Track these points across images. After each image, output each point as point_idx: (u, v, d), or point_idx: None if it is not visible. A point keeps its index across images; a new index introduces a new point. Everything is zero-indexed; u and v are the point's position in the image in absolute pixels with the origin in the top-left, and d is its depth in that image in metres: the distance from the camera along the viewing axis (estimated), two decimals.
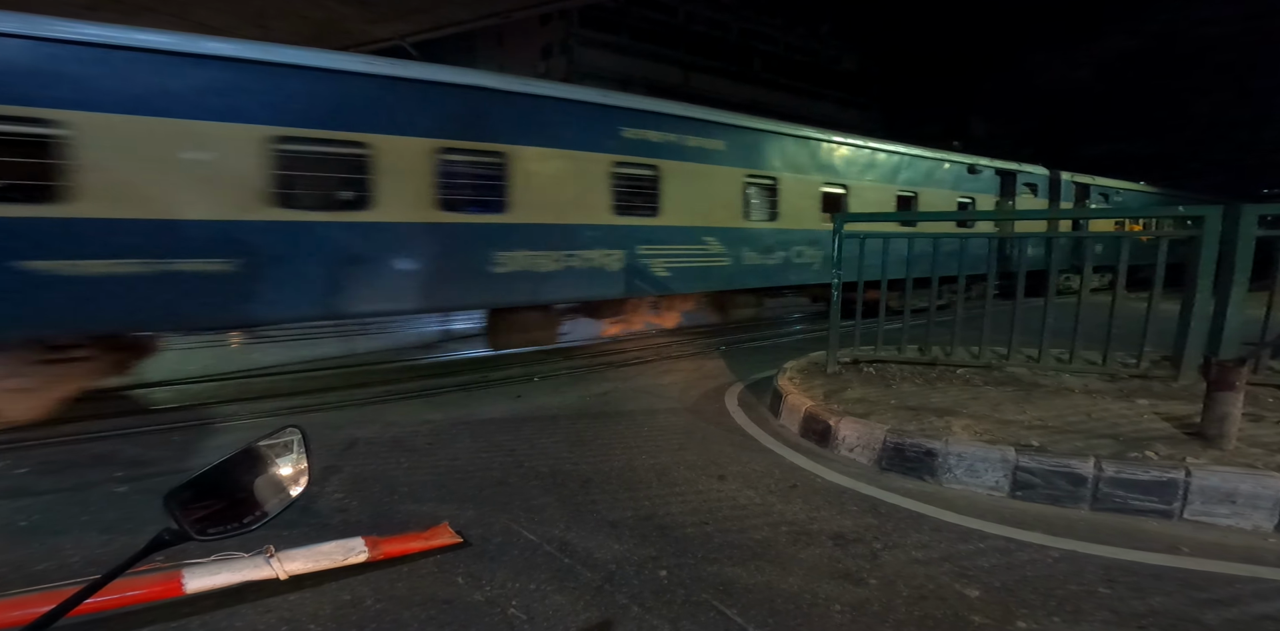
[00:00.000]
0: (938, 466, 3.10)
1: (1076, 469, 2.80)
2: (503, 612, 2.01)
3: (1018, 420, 3.47)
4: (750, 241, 7.43)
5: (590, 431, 4.02)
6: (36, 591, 1.94)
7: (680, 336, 7.98)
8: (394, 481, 3.15)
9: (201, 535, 0.77)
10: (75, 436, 3.98)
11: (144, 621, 1.91)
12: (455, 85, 5.31)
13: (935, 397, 4.00)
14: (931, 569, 2.28)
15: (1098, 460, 2.79)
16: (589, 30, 28.44)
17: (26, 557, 2.35)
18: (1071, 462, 2.82)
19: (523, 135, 5.56)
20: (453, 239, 5.33)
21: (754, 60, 34.24)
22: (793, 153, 7.85)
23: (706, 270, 7.04)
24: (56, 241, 3.88)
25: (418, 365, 6.53)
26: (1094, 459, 2.80)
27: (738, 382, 5.37)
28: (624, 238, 6.27)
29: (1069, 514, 2.75)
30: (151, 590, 1.92)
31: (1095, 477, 2.77)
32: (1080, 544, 2.46)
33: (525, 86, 5.77)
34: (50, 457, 3.60)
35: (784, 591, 2.13)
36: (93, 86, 3.92)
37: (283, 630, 1.91)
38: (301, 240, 4.67)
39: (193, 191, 4.26)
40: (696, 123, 6.86)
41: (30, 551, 2.41)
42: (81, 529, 2.63)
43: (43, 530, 2.63)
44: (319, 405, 4.81)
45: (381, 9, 9.57)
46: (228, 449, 0.86)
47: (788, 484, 3.12)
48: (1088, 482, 2.78)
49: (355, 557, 2.21)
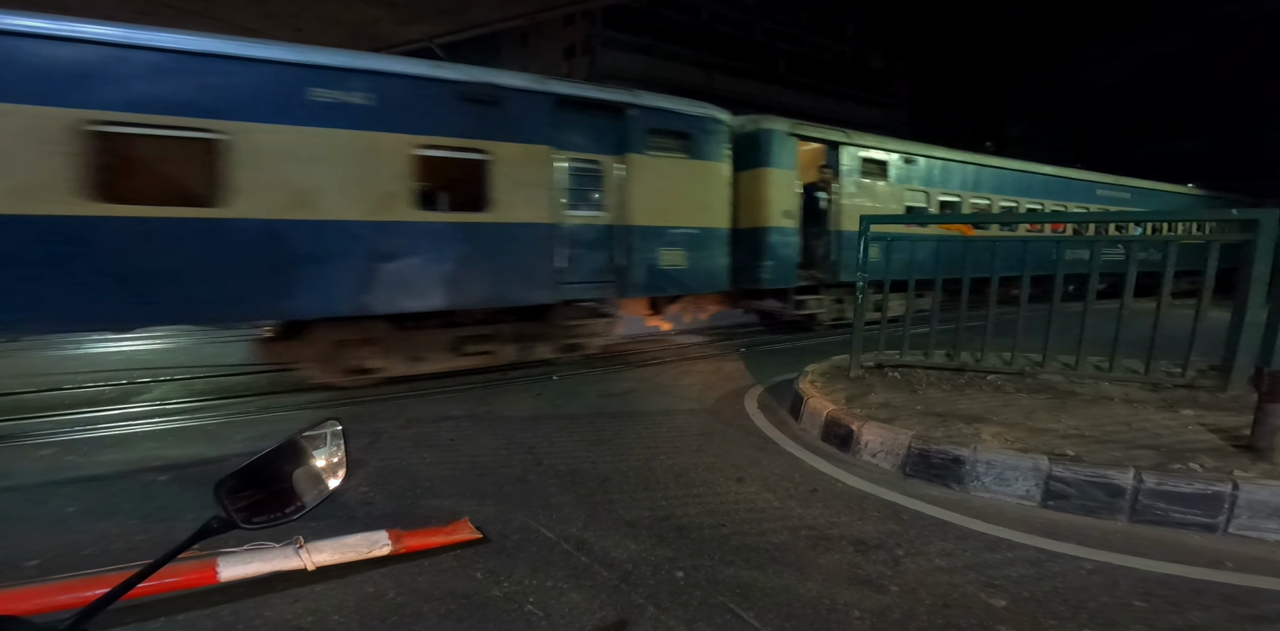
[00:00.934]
0: (965, 474, 3.03)
1: (1114, 480, 2.71)
2: (520, 609, 2.02)
3: (1052, 428, 3.37)
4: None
5: (609, 430, 4.03)
6: (85, 576, 2.03)
7: (699, 337, 7.95)
8: (417, 476, 3.21)
9: (247, 524, 0.79)
10: (120, 424, 4.15)
11: (179, 608, 1.97)
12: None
13: (964, 404, 3.90)
14: (956, 577, 2.23)
15: (1138, 471, 2.70)
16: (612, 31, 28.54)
17: (73, 543, 2.45)
18: (1109, 473, 2.73)
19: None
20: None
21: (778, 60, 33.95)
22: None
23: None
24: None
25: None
26: (1134, 470, 2.71)
27: (757, 385, 5.32)
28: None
29: (1104, 525, 2.66)
30: (188, 577, 1.98)
31: (1135, 489, 2.67)
32: (1116, 556, 2.38)
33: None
34: (96, 446, 3.75)
35: (802, 596, 2.11)
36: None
37: (308, 620, 1.95)
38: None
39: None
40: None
41: (78, 536, 2.52)
42: (125, 516, 2.73)
43: (90, 516, 2.74)
44: (346, 399, 4.92)
45: (412, 11, 9.74)
46: (262, 440, 0.89)
47: (808, 488, 3.09)
48: (1126, 494, 2.68)
49: (379, 550, 2.25)
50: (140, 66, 4.15)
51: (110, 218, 4.08)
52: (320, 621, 1.94)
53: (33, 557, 2.32)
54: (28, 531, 2.57)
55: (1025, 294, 4.44)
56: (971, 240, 4.77)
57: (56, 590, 1.90)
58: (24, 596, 1.88)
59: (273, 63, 4.54)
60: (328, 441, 0.93)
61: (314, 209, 4.70)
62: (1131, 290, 4.11)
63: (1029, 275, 4.39)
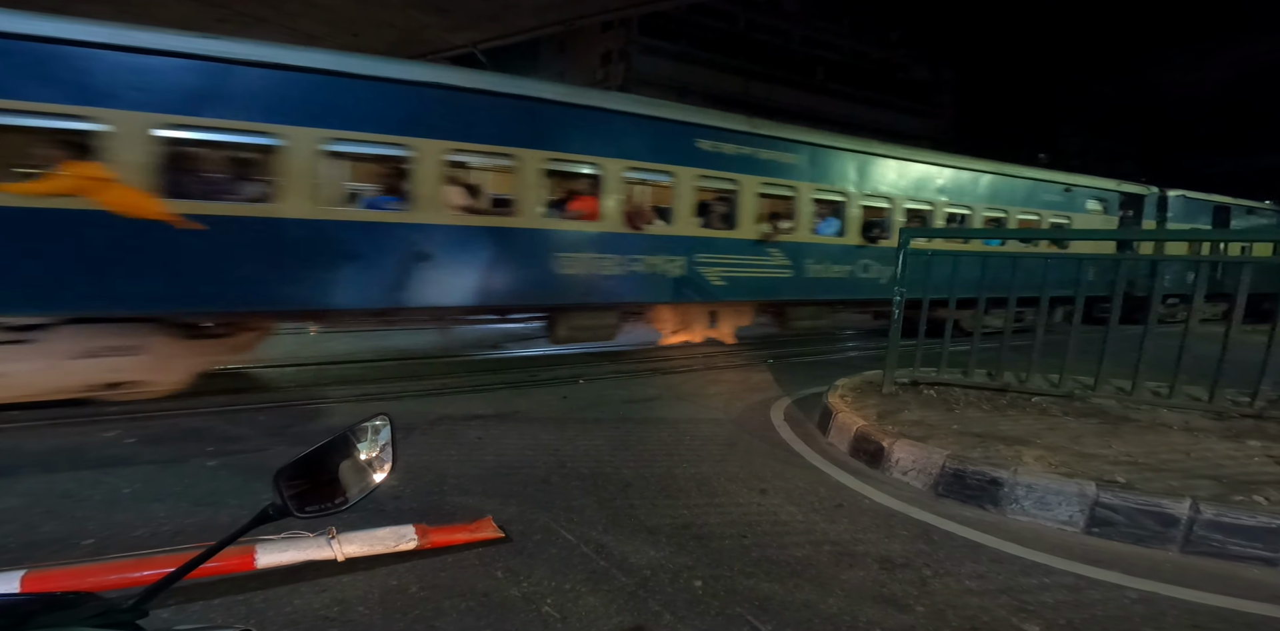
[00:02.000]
0: (1003, 496, 2.93)
1: (1168, 509, 2.59)
2: (538, 610, 2.05)
3: (1101, 454, 3.23)
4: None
5: (633, 436, 4.04)
6: (135, 557, 2.15)
7: (729, 347, 7.90)
8: (444, 472, 3.28)
9: (300, 512, 0.83)
10: (176, 411, 4.38)
11: (216, 593, 2.05)
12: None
13: (1005, 425, 3.77)
14: (987, 600, 2.16)
15: (1194, 501, 2.57)
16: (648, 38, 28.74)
17: (127, 523, 2.59)
18: (1163, 502, 2.60)
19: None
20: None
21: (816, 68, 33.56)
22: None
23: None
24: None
25: (471, 361, 6.77)
26: (1190, 500, 2.58)
27: (784, 397, 5.26)
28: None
29: (1153, 555, 2.54)
30: (228, 563, 2.06)
31: (1190, 520, 2.55)
32: (1163, 586, 2.27)
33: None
34: (154, 430, 3.96)
35: (823, 612, 2.07)
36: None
37: (335, 610, 2.01)
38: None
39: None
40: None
41: (130, 517, 2.66)
42: (175, 499, 2.87)
43: (143, 498, 2.88)
44: (379, 394, 5.07)
45: (458, 18, 10.05)
46: (311, 431, 0.93)
47: (833, 503, 3.03)
48: (1180, 524, 2.56)
49: (406, 544, 2.31)
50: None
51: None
52: (345, 612, 2.00)
53: (89, 536, 2.46)
54: (86, 510, 2.72)
55: (1079, 314, 4.24)
56: (1021, 257, 4.56)
57: (109, 569, 2.02)
58: (80, 574, 2.00)
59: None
60: (377, 436, 0.96)
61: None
62: (1199, 313, 3.90)
63: (1083, 295, 4.19)
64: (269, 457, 3.42)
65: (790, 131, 7.27)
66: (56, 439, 3.75)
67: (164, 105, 4.25)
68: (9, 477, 3.07)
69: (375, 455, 0.96)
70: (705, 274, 6.62)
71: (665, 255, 6.35)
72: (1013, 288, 4.36)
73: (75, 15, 4.25)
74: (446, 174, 5.30)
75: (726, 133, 6.65)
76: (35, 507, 2.73)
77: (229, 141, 4.67)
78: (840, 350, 8.23)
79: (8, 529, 2.51)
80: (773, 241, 7.00)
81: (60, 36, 3.97)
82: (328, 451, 0.88)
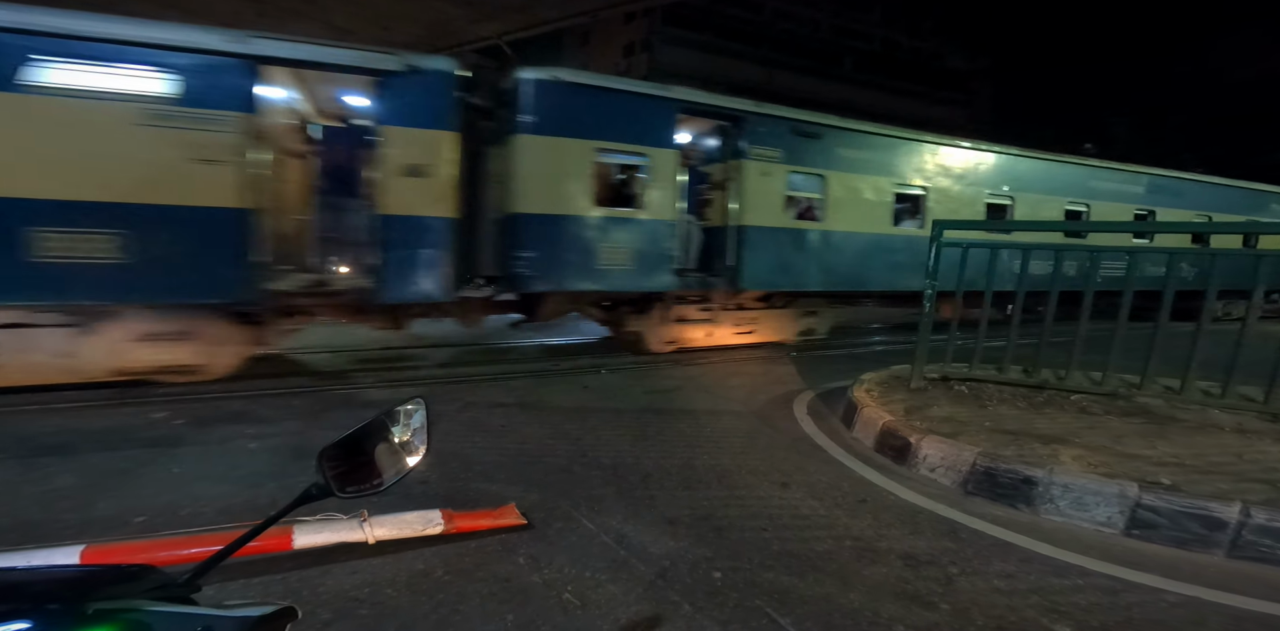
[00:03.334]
0: (1036, 495, 2.86)
1: (1216, 512, 2.50)
2: (558, 596, 2.08)
3: (1144, 455, 3.12)
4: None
5: (653, 427, 4.05)
6: (182, 535, 2.26)
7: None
8: (469, 459, 3.35)
9: (341, 492, 0.84)
10: (219, 394, 4.56)
11: (255, 572, 2.14)
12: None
13: (1041, 423, 3.67)
14: (1016, 600, 2.12)
15: (1245, 505, 2.47)
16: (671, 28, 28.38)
17: (175, 502, 2.72)
18: (1211, 505, 2.51)
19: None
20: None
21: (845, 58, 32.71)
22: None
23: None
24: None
25: (495, 349, 6.87)
26: (1240, 504, 2.48)
27: (808, 390, 5.20)
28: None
29: (1197, 559, 2.46)
30: (267, 543, 2.14)
31: (1239, 524, 2.46)
32: (1206, 591, 2.20)
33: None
34: (199, 412, 4.13)
35: (843, 606, 2.06)
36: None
37: (365, 592, 2.08)
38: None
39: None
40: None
41: (178, 496, 2.78)
42: (218, 480, 3.00)
43: (190, 478, 3.02)
44: (408, 380, 5.19)
45: (484, 9, 10.09)
46: (343, 416, 0.95)
47: (856, 498, 3.00)
48: (1228, 528, 2.47)
49: (432, 529, 2.37)
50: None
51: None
52: (374, 594, 2.07)
53: (141, 514, 2.59)
54: (138, 489, 2.86)
55: (1125, 310, 4.04)
56: (1065, 249, 4.37)
57: (159, 546, 2.13)
58: (133, 550, 2.11)
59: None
60: (412, 420, 0.97)
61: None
62: (1259, 311, 3.70)
63: (1131, 290, 4.00)
64: (305, 441, 3.54)
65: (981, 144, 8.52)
66: (111, 419, 3.94)
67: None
68: (69, 455, 3.24)
69: (410, 438, 0.96)
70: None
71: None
72: (1055, 282, 4.20)
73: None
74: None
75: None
76: (92, 485, 2.88)
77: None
78: (864, 344, 8.09)
79: (67, 504, 2.66)
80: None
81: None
82: (366, 433, 0.89)
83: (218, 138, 4.38)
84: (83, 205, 4.15)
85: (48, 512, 2.57)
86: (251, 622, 0.63)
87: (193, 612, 0.63)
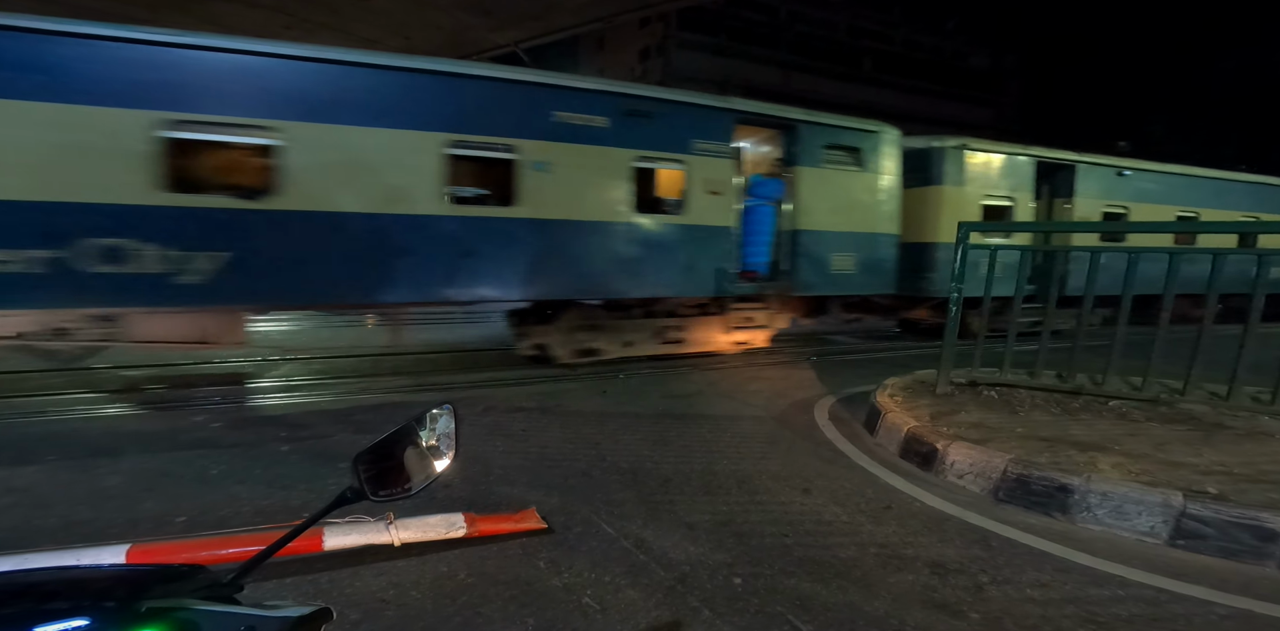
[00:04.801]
0: (1073, 504, 2.78)
1: (1268, 523, 2.41)
2: (578, 601, 2.10)
3: (1190, 463, 3.02)
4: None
5: (672, 432, 4.05)
6: (221, 535, 2.34)
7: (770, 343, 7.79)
8: (491, 463, 3.39)
9: (374, 496, 0.87)
10: (253, 397, 4.70)
11: (287, 572, 2.21)
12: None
13: (1077, 430, 3.58)
14: (1050, 610, 2.07)
15: None
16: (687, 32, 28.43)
17: (214, 503, 2.81)
18: (1262, 515, 2.43)
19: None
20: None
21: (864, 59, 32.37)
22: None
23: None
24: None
25: (514, 355, 6.94)
26: None
27: (829, 395, 5.15)
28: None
29: (1248, 570, 2.37)
30: (300, 544, 2.18)
31: None
32: (1259, 604, 2.12)
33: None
34: (236, 415, 4.26)
35: (867, 614, 2.04)
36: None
37: (390, 593, 2.12)
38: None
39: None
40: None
41: (217, 497, 2.88)
42: (254, 481, 3.09)
43: (227, 479, 3.12)
44: (431, 385, 5.27)
45: (501, 18, 10.27)
46: (370, 420, 0.97)
47: (881, 504, 2.96)
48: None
49: (455, 532, 2.41)
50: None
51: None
52: (400, 595, 2.11)
53: (182, 514, 2.69)
54: (179, 489, 2.97)
55: (1167, 313, 3.90)
56: (1101, 251, 4.25)
57: (200, 546, 2.21)
58: (175, 550, 2.19)
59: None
60: (440, 425, 1.00)
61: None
62: None
63: (1172, 293, 3.86)
64: (333, 444, 3.63)
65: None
66: (154, 422, 4.09)
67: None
68: (114, 456, 3.38)
69: (438, 443, 0.99)
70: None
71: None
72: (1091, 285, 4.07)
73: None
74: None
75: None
76: (137, 485, 3.00)
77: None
78: (885, 349, 7.98)
79: (114, 504, 2.77)
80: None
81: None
82: (397, 438, 0.92)
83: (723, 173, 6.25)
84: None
85: (98, 512, 2.68)
86: (291, 623, 0.65)
87: (237, 612, 0.66)
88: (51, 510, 2.69)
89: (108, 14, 4.42)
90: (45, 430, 3.85)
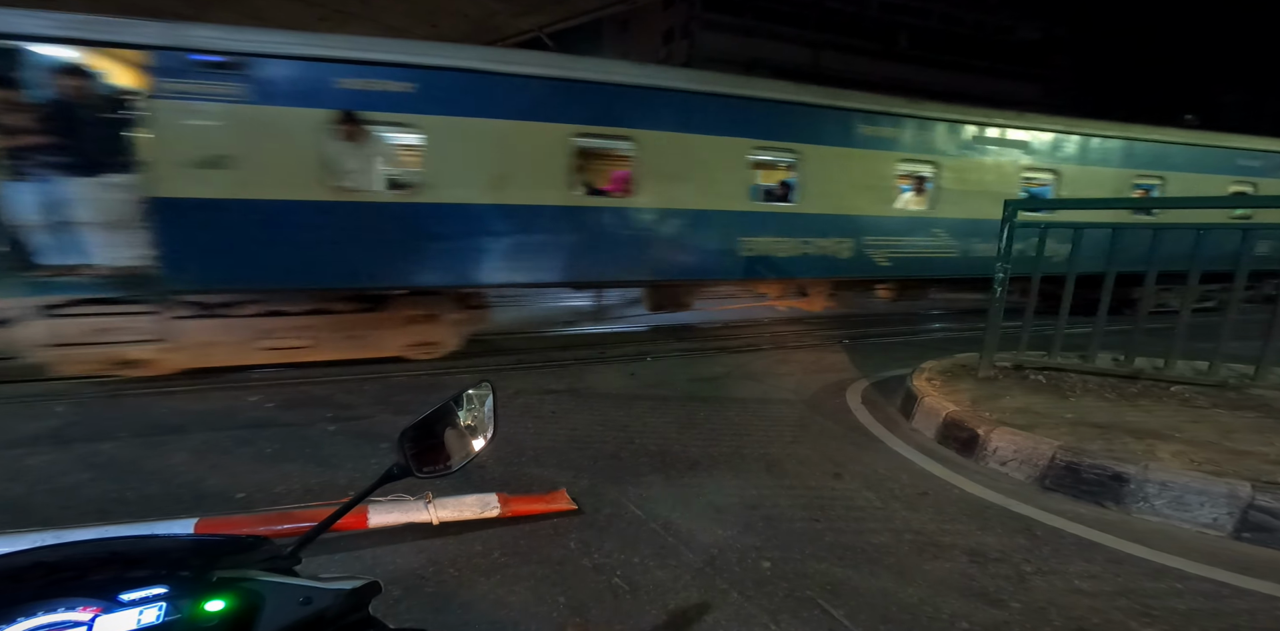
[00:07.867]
0: (1127, 493, 2.67)
1: None
2: (608, 581, 2.13)
3: (1259, 452, 2.87)
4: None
5: (700, 414, 4.05)
6: (277, 511, 2.47)
7: (800, 325, 7.67)
8: (522, 444, 3.45)
9: (419, 472, 0.89)
10: (303, 379, 4.88)
11: (335, 548, 2.30)
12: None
13: (1134, 416, 3.42)
14: (1100, 602, 2.00)
15: None
16: (711, 13, 27.62)
17: (269, 480, 2.95)
18: None
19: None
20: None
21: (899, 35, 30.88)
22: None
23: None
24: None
25: (543, 337, 7.02)
26: None
27: (861, 379, 5.05)
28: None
29: None
30: (347, 520, 2.28)
31: None
32: None
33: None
34: (289, 396, 4.44)
35: (901, 600, 2.01)
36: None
37: (429, 570, 2.20)
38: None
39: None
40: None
41: (271, 475, 3.01)
42: (305, 460, 3.22)
43: (280, 458, 3.26)
44: (466, 368, 5.38)
45: (525, 3, 10.17)
46: (409, 400, 0.97)
47: (917, 490, 2.90)
48: None
49: (489, 512, 2.48)
50: None
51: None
52: (438, 573, 2.18)
53: (241, 490, 2.83)
54: (237, 467, 3.12)
55: (1238, 293, 3.67)
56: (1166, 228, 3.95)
57: (258, 521, 2.34)
58: (238, 524, 2.32)
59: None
60: (479, 403, 1.00)
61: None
62: None
63: (1245, 271, 3.63)
64: (376, 424, 3.76)
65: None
66: (214, 402, 4.30)
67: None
68: (181, 434, 3.59)
69: (479, 421, 0.99)
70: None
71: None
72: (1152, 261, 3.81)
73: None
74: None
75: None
76: (203, 462, 3.17)
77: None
78: (920, 331, 7.76)
79: (183, 479, 2.94)
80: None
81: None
82: (438, 417, 0.94)
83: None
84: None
85: (166, 488, 2.85)
86: (345, 595, 0.69)
87: (297, 583, 0.69)
88: (127, 484, 2.87)
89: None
90: (119, 407, 4.10)
